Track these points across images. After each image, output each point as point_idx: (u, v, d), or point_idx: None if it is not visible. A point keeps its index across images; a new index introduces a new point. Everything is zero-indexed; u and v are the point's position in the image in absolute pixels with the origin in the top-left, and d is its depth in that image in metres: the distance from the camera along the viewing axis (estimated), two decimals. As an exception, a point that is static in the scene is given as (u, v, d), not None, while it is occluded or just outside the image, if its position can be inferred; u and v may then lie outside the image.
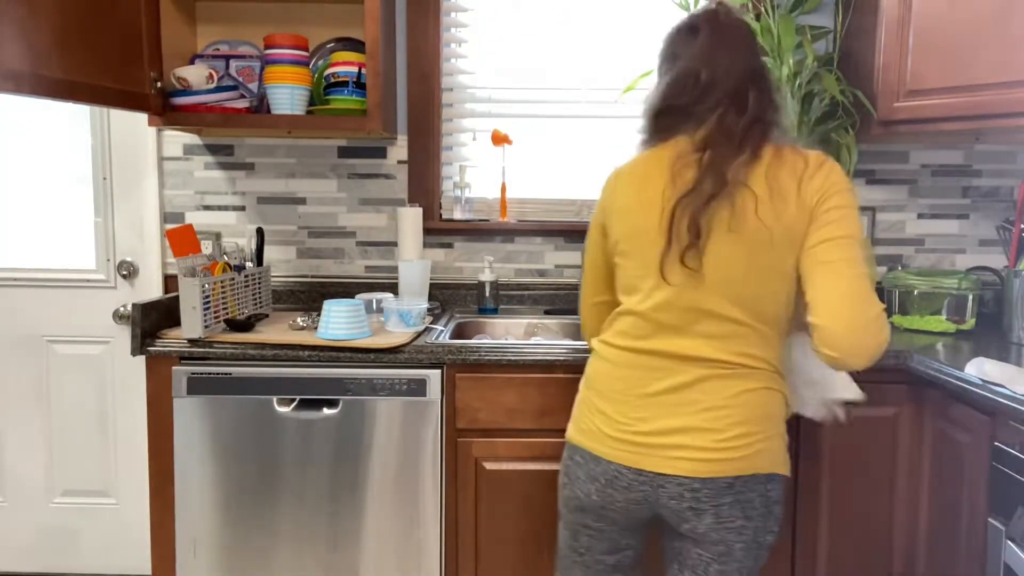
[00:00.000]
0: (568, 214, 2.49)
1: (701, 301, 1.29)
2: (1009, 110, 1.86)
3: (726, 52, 1.32)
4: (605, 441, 1.34)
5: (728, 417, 1.27)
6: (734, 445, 1.27)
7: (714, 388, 1.28)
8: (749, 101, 1.30)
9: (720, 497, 1.28)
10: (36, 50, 1.64)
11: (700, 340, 1.29)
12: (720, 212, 1.26)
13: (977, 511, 1.60)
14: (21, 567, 2.59)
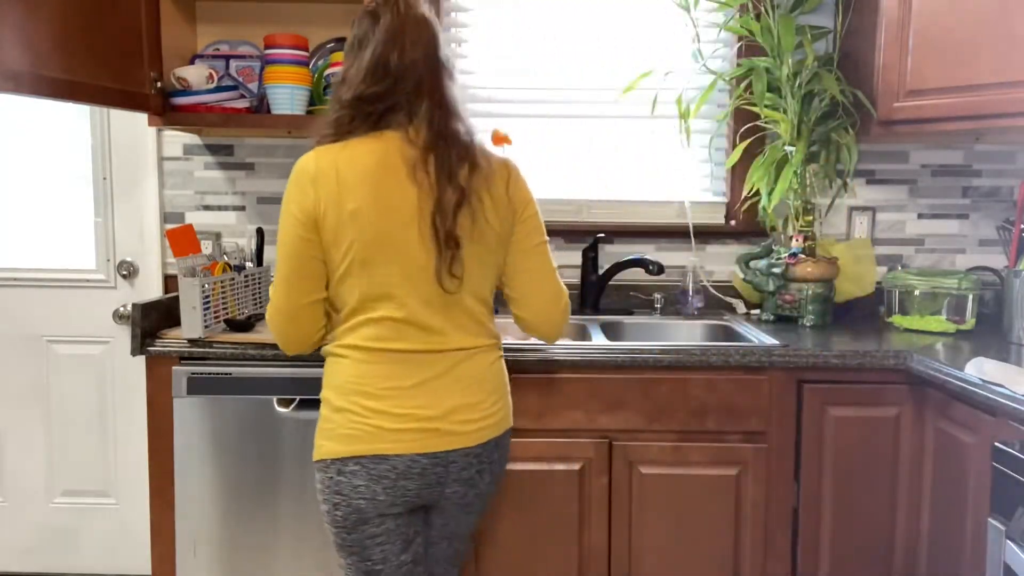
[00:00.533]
0: (568, 214, 2.49)
1: (455, 302, 1.40)
2: (1009, 110, 1.86)
3: (411, 39, 1.36)
4: (390, 438, 1.35)
5: (484, 389, 1.44)
6: (493, 411, 1.45)
7: (471, 365, 1.43)
8: (447, 97, 1.39)
9: (492, 455, 1.46)
10: (36, 50, 1.63)
11: (453, 333, 1.41)
12: (463, 220, 1.36)
13: (977, 511, 1.60)
14: (21, 567, 2.59)
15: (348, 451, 1.36)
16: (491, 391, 1.46)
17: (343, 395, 1.39)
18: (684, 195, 2.48)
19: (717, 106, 2.46)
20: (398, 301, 1.36)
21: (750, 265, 2.31)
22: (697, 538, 1.90)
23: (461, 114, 1.41)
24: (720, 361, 1.85)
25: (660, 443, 1.88)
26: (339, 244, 1.34)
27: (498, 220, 1.42)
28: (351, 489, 1.36)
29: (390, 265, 1.34)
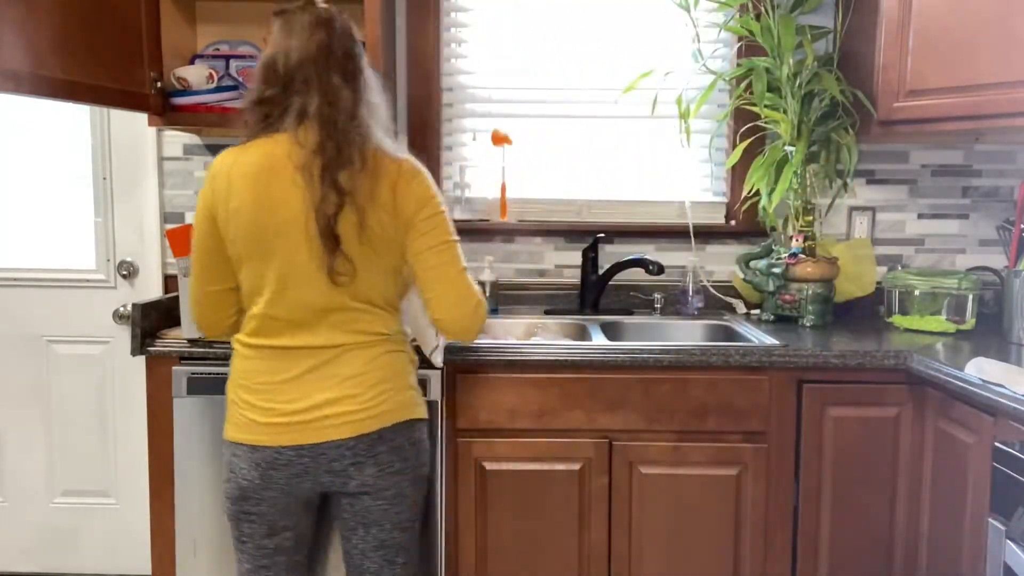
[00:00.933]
0: (568, 214, 2.49)
1: (331, 300, 1.42)
2: (1009, 110, 1.86)
3: (299, 40, 1.41)
4: (260, 430, 1.43)
5: (365, 381, 1.44)
6: (376, 403, 1.44)
7: (349, 360, 1.44)
8: (339, 97, 1.39)
9: (375, 448, 1.45)
10: (36, 50, 1.63)
11: (329, 330, 1.44)
12: (346, 222, 1.38)
13: (977, 511, 1.60)
14: (21, 567, 2.59)
15: (235, 437, 1.47)
16: (373, 384, 1.45)
17: (232, 388, 1.49)
18: (684, 195, 2.48)
19: (717, 106, 2.46)
20: (274, 298, 1.42)
21: (750, 265, 2.31)
22: (697, 538, 1.90)
23: (359, 114, 1.41)
24: (720, 361, 1.85)
25: (660, 443, 1.88)
26: (229, 240, 1.43)
27: (384, 223, 1.41)
28: (239, 469, 1.46)
29: (267, 263, 1.41)
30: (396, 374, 1.50)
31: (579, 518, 1.89)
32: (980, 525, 1.58)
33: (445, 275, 1.47)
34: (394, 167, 1.44)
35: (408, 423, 1.50)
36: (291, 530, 1.51)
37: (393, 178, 1.42)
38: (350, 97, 1.40)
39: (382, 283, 1.46)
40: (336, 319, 1.44)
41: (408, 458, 1.50)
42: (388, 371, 1.48)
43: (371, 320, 1.46)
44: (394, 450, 1.47)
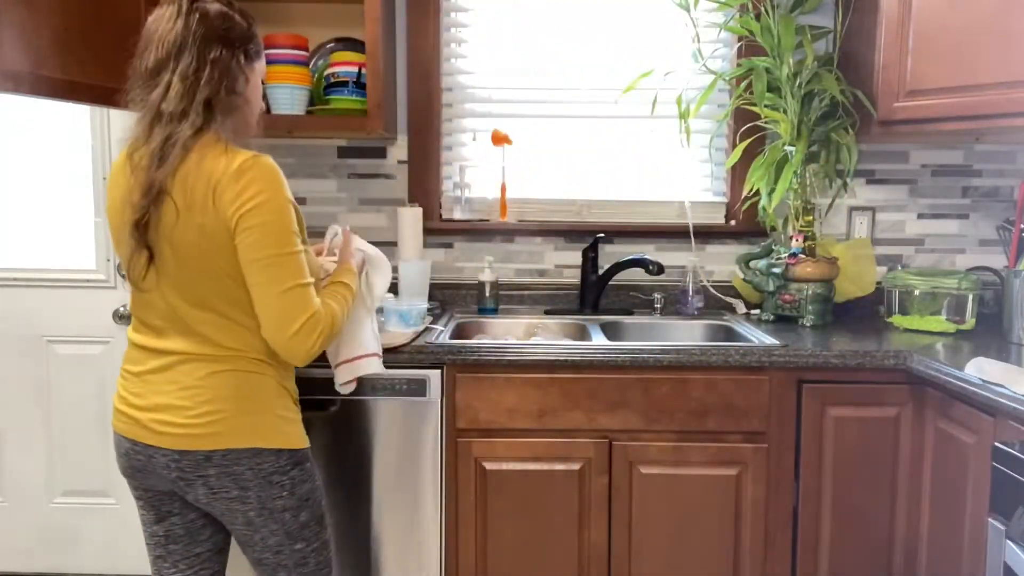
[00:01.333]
0: (568, 214, 2.49)
1: (173, 305, 1.38)
2: (1009, 110, 1.86)
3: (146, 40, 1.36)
4: (116, 416, 1.45)
5: (198, 396, 1.37)
6: (204, 421, 1.36)
7: (189, 370, 1.38)
8: (171, 93, 1.32)
9: (203, 469, 1.38)
10: (36, 50, 1.64)
11: (175, 335, 1.39)
12: (156, 221, 1.32)
13: (977, 511, 1.60)
14: (21, 567, 2.59)
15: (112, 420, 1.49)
16: (205, 401, 1.36)
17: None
18: (684, 195, 2.48)
19: (717, 106, 2.46)
20: (131, 296, 1.45)
21: (750, 265, 2.31)
22: (697, 538, 1.90)
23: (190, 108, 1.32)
24: (720, 361, 1.85)
25: (660, 443, 1.88)
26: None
27: (203, 225, 1.31)
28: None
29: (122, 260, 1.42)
30: (240, 396, 1.39)
31: (579, 518, 1.89)
32: (980, 525, 1.58)
33: (267, 294, 1.33)
34: (221, 165, 1.31)
35: (253, 451, 1.39)
36: (177, 516, 1.48)
37: (217, 175, 1.31)
38: (182, 89, 1.32)
39: (216, 288, 1.35)
40: (180, 324, 1.38)
41: (249, 488, 1.40)
42: (227, 391, 1.38)
43: (218, 331, 1.37)
44: (229, 476, 1.38)
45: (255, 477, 1.40)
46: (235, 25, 1.38)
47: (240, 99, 1.40)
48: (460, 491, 1.89)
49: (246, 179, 1.31)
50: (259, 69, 1.47)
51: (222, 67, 1.35)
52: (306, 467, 1.49)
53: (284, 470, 1.43)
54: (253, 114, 1.48)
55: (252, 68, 1.43)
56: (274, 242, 1.33)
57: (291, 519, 1.46)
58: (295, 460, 1.46)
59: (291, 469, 1.45)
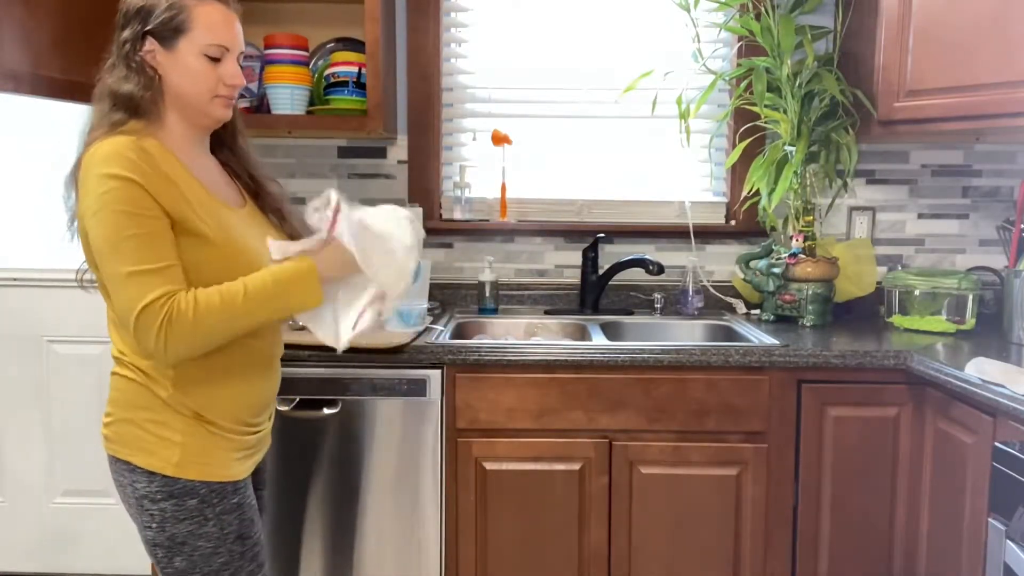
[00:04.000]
0: (568, 214, 2.49)
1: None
2: (1009, 110, 1.86)
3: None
4: None
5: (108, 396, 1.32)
6: (104, 422, 1.32)
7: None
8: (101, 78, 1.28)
9: (111, 472, 1.33)
10: (36, 50, 1.64)
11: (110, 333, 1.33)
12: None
13: (977, 511, 1.60)
14: (21, 567, 2.59)
15: None
16: (108, 402, 1.32)
17: None
18: (684, 195, 2.48)
19: (717, 106, 2.46)
20: None
21: (750, 265, 2.31)
22: (697, 538, 1.90)
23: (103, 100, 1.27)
24: (720, 361, 1.85)
25: (660, 443, 1.88)
26: None
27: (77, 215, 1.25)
28: None
29: None
30: (120, 401, 1.30)
31: (579, 518, 1.89)
32: (980, 525, 1.58)
33: (108, 289, 1.22)
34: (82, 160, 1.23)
35: (128, 467, 1.28)
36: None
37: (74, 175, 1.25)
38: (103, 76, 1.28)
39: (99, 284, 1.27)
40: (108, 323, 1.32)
41: (130, 505, 1.32)
42: (115, 394, 1.31)
43: (113, 330, 1.31)
44: (119, 486, 1.33)
45: (132, 496, 1.29)
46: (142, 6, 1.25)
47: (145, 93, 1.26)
48: (460, 491, 1.89)
49: (81, 173, 1.22)
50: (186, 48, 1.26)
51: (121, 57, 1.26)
52: (186, 504, 1.27)
53: (154, 498, 1.27)
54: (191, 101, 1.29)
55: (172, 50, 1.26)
56: (103, 226, 1.17)
57: (164, 559, 1.29)
58: (169, 491, 1.26)
59: (162, 500, 1.26)
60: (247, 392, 1.35)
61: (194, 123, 1.32)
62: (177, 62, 1.27)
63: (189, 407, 1.28)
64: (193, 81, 1.28)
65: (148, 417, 1.27)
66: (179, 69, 1.27)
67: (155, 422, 1.27)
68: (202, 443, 1.29)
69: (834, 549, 1.89)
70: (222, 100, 1.31)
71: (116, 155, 1.18)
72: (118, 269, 1.17)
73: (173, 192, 1.22)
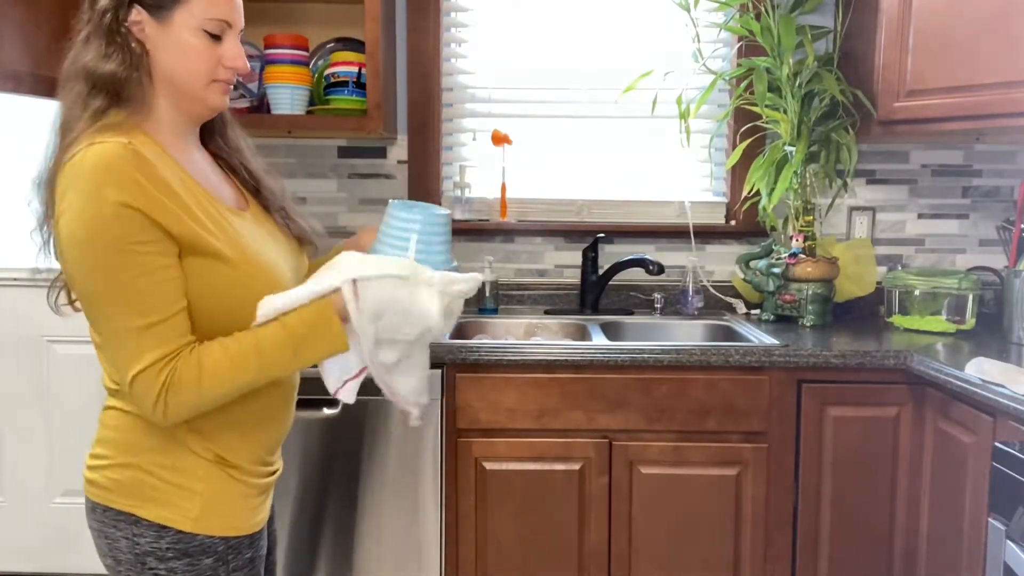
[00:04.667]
0: (568, 214, 2.49)
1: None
2: (1009, 110, 1.86)
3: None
4: None
5: (96, 435, 1.13)
6: (90, 464, 1.12)
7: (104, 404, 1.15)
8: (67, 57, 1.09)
9: (89, 519, 1.12)
10: (36, 50, 1.64)
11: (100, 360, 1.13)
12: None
13: (977, 511, 1.60)
14: (21, 567, 2.59)
15: None
16: (98, 441, 1.13)
17: None
18: (684, 195, 2.48)
19: (717, 106, 2.46)
20: None
21: (750, 265, 2.31)
22: (697, 538, 1.90)
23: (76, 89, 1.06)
24: (720, 361, 1.85)
25: (660, 443, 1.88)
26: None
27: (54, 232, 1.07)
28: None
29: None
30: (120, 443, 1.10)
31: (579, 518, 1.89)
32: (980, 525, 1.58)
33: (99, 339, 1.06)
34: (63, 159, 1.04)
35: (131, 518, 1.07)
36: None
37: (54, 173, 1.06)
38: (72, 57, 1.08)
39: (84, 308, 1.08)
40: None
41: (121, 561, 1.09)
42: (112, 433, 1.11)
43: (103, 364, 1.12)
44: (104, 538, 1.11)
45: (130, 551, 1.08)
46: None
47: (130, 72, 1.05)
48: (460, 491, 1.89)
49: (68, 174, 1.01)
50: (183, 21, 1.06)
51: (99, 30, 1.05)
52: (200, 563, 1.08)
53: (163, 556, 1.07)
54: (184, 84, 1.08)
55: (165, 23, 1.06)
56: (89, 267, 0.99)
57: None
58: (184, 548, 1.08)
59: (173, 558, 1.07)
60: (269, 427, 1.18)
61: (186, 112, 1.11)
62: (170, 37, 1.06)
63: (211, 449, 1.10)
64: (189, 61, 1.07)
65: (160, 461, 1.08)
66: (172, 46, 1.06)
67: (169, 468, 1.08)
68: (224, 491, 1.11)
69: (834, 549, 1.89)
70: (221, 85, 1.11)
71: (110, 171, 0.97)
72: (109, 321, 1.01)
73: (178, 207, 1.02)
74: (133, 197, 0.98)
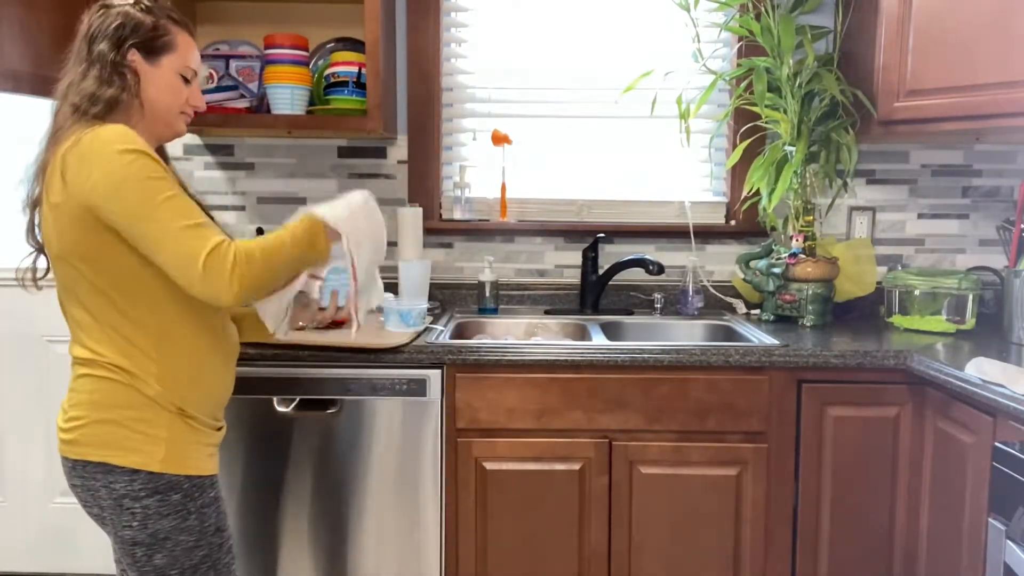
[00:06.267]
0: (568, 214, 2.49)
1: (67, 301, 1.35)
2: (1009, 110, 1.86)
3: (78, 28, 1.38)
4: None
5: (70, 400, 1.33)
6: (67, 427, 1.31)
7: (73, 374, 1.34)
8: (65, 80, 1.34)
9: (71, 477, 1.33)
10: (36, 50, 1.64)
11: (72, 342, 1.35)
12: (44, 213, 1.34)
13: (976, 511, 1.60)
14: (21, 567, 2.59)
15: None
16: (73, 405, 1.32)
17: None
18: (684, 195, 2.48)
19: (717, 106, 2.46)
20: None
21: (750, 265, 2.31)
22: (697, 538, 1.90)
23: (76, 103, 1.31)
24: (720, 361, 1.85)
25: (660, 443, 1.88)
26: None
27: (56, 204, 1.28)
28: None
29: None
30: (95, 402, 1.30)
31: (579, 518, 1.89)
32: (980, 525, 1.58)
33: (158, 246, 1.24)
34: (68, 142, 1.27)
35: (105, 467, 1.29)
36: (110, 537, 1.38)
37: (62, 153, 1.27)
38: (74, 81, 1.33)
39: (75, 277, 1.30)
40: (72, 327, 1.35)
41: (104, 508, 1.31)
42: (87, 396, 1.30)
43: (86, 333, 1.32)
44: (87, 491, 1.32)
45: (108, 497, 1.29)
46: (129, 22, 1.34)
47: (125, 95, 1.32)
48: (460, 491, 1.89)
49: (87, 144, 1.24)
50: (168, 64, 1.38)
51: (102, 63, 1.32)
52: (170, 499, 1.31)
53: (136, 495, 1.29)
54: (159, 111, 1.39)
55: (154, 65, 1.37)
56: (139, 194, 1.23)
57: (143, 558, 1.31)
58: (153, 487, 1.29)
59: (146, 496, 1.29)
60: (218, 385, 1.43)
61: (155, 133, 1.41)
62: (158, 76, 1.38)
63: (174, 403, 1.33)
64: (168, 95, 1.39)
65: (132, 415, 1.30)
66: (158, 82, 1.38)
67: (140, 420, 1.30)
68: (184, 438, 1.34)
69: (834, 549, 1.89)
70: (185, 117, 1.44)
71: (125, 134, 1.26)
72: (168, 226, 1.23)
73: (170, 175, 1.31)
74: (144, 148, 1.26)
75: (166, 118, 1.41)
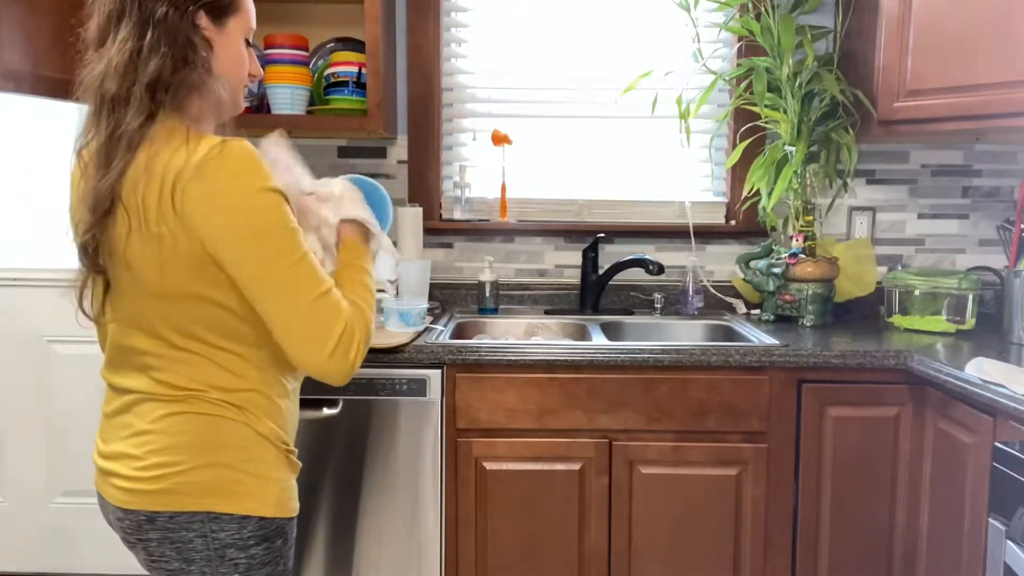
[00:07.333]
0: (568, 214, 2.49)
1: (123, 334, 1.15)
2: (1009, 110, 1.86)
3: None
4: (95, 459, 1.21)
5: (148, 444, 1.11)
6: (151, 475, 1.10)
7: (144, 412, 1.13)
8: (111, 65, 1.07)
9: (143, 532, 1.14)
10: (37, 50, 1.64)
11: (131, 369, 1.15)
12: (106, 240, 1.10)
13: (976, 511, 1.60)
14: (21, 567, 2.59)
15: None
16: (154, 451, 1.11)
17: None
18: (684, 195, 2.48)
19: (717, 106, 2.46)
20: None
21: (750, 265, 2.31)
22: (697, 538, 1.90)
23: (131, 94, 1.07)
24: (720, 361, 1.85)
25: (660, 443, 1.88)
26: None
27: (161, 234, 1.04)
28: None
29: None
30: (201, 444, 1.11)
31: (579, 518, 1.89)
32: (980, 525, 1.58)
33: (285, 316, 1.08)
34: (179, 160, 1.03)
35: (209, 516, 1.11)
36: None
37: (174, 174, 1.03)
38: (122, 65, 1.06)
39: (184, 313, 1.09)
40: (137, 357, 1.13)
41: (194, 561, 1.12)
42: (184, 438, 1.11)
43: (174, 365, 1.11)
44: (172, 545, 1.12)
45: (206, 548, 1.12)
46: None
47: (200, 73, 1.09)
48: (460, 491, 1.89)
49: (214, 174, 1.02)
50: (234, 28, 1.13)
51: (169, 32, 1.06)
52: (275, 545, 1.16)
53: (245, 544, 1.13)
54: (228, 88, 1.15)
55: (222, 29, 1.12)
56: (274, 250, 1.05)
57: None
58: (264, 533, 1.14)
59: (254, 545, 1.14)
60: (295, 416, 1.28)
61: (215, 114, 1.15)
62: (228, 44, 1.12)
63: (281, 437, 1.19)
64: (239, 66, 1.15)
65: (242, 456, 1.13)
66: (230, 51, 1.12)
67: (251, 460, 1.14)
68: (289, 477, 1.21)
69: (834, 549, 1.89)
70: (245, 90, 1.20)
71: (258, 165, 1.05)
72: (301, 297, 1.07)
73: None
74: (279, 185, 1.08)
75: (235, 96, 1.16)
